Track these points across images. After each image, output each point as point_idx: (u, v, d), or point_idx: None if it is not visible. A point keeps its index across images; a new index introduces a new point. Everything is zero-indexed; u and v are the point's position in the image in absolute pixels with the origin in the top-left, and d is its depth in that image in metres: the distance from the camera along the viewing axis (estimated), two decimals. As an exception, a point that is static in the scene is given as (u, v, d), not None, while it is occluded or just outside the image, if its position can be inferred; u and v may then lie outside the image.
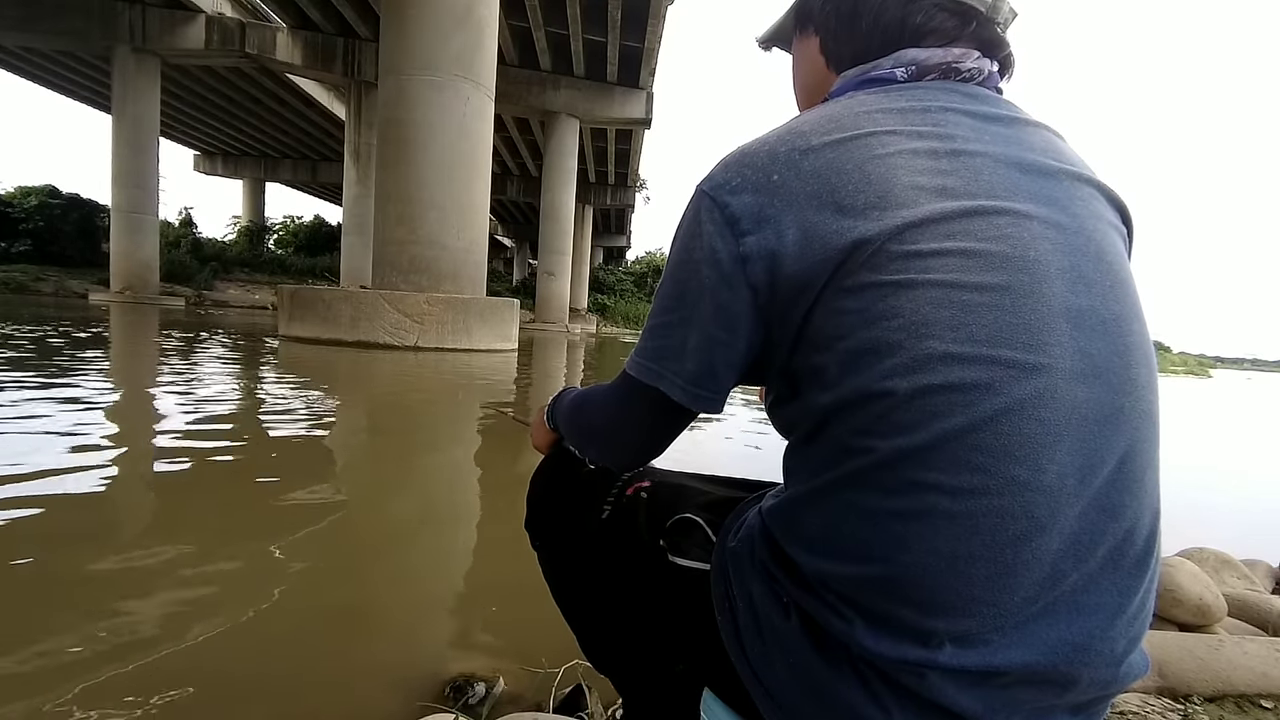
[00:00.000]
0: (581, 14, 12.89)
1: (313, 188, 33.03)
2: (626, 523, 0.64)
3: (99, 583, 1.27)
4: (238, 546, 1.48)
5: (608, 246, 42.71)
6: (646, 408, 0.50)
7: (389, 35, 7.54)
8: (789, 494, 0.46)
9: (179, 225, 26.72)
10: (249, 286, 21.62)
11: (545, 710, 0.95)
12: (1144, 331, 0.44)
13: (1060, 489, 0.38)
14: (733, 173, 0.46)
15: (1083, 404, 0.39)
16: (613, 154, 22.47)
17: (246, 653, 1.06)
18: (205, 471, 2.10)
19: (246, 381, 4.31)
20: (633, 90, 16.33)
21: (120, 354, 5.37)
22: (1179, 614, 1.30)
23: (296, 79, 17.48)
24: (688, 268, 0.46)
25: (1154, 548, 0.43)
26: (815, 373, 0.43)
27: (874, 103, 0.47)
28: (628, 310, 26.71)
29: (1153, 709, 1.01)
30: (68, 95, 21.39)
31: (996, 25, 0.51)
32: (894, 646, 0.39)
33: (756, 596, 0.46)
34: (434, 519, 1.90)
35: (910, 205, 0.41)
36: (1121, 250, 0.46)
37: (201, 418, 2.86)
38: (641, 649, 0.64)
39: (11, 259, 18.97)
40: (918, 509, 0.38)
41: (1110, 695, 0.43)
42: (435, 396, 4.36)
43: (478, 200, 8.04)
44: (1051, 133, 0.49)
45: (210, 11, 14.14)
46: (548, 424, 0.72)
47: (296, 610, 1.22)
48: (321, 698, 0.99)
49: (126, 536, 1.55)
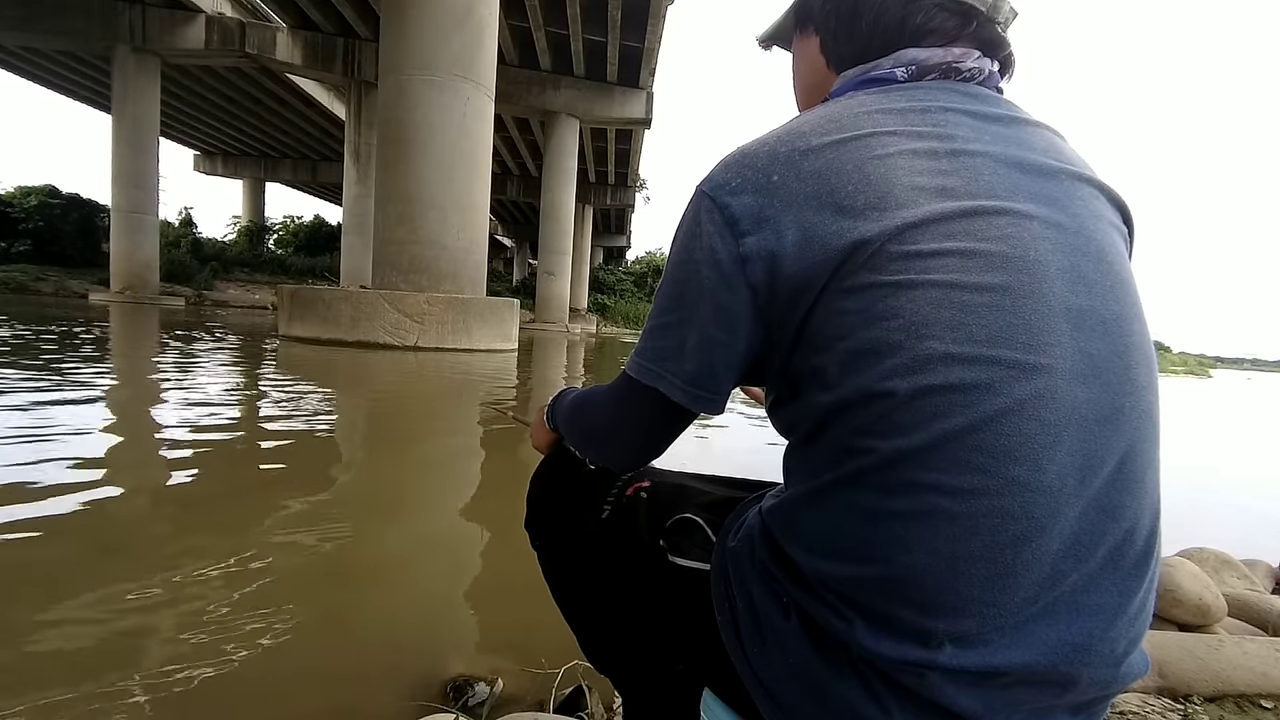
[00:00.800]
0: (581, 14, 12.89)
1: (313, 188, 33.03)
2: (626, 523, 0.64)
3: (98, 582, 1.27)
4: (237, 546, 1.48)
5: (608, 246, 42.70)
6: (646, 408, 0.50)
7: (389, 35, 7.54)
8: (789, 494, 0.46)
9: (179, 225, 26.68)
10: (249, 286, 21.61)
11: (545, 710, 0.95)
12: (1144, 331, 0.44)
13: (1060, 489, 0.38)
14: (732, 173, 0.45)
15: (1083, 404, 0.39)
16: (613, 154, 22.47)
17: (246, 652, 1.06)
18: (204, 471, 2.10)
19: (246, 381, 4.31)
20: (633, 90, 16.33)
21: (120, 354, 5.36)
22: (1179, 614, 1.30)
23: (296, 79, 17.48)
24: (687, 268, 0.46)
25: (1154, 548, 0.43)
26: (815, 373, 0.43)
27: (874, 103, 0.47)
28: (628, 310, 26.68)
29: (1153, 709, 1.01)
30: (68, 95, 21.39)
31: (997, 25, 0.51)
32: (894, 646, 0.39)
33: (756, 596, 0.46)
34: (434, 519, 1.90)
35: (910, 205, 0.41)
36: (1122, 250, 0.46)
37: (200, 417, 2.86)
38: (641, 649, 0.64)
39: (11, 259, 18.96)
40: (918, 509, 0.38)
41: (1110, 695, 0.43)
42: (435, 396, 4.36)
43: (478, 200, 8.04)
44: (1052, 132, 0.49)
45: (210, 11, 14.14)
46: (548, 424, 0.72)
47: (296, 610, 1.22)
48: (321, 697, 0.99)
49: (125, 535, 1.55)
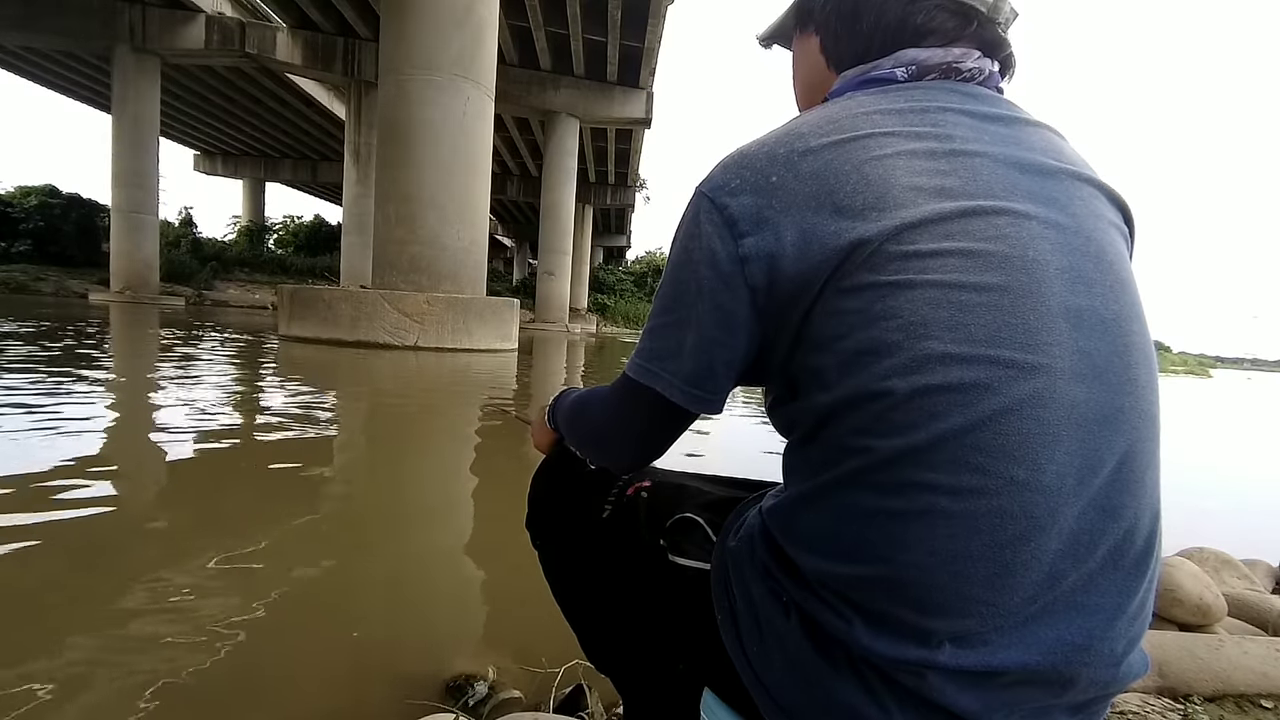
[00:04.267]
0: (581, 14, 12.88)
1: (313, 188, 33.02)
2: (627, 522, 0.64)
3: (97, 581, 1.27)
4: (236, 546, 1.48)
5: (608, 246, 42.68)
6: (646, 409, 0.50)
7: (389, 35, 7.54)
8: (788, 494, 0.46)
9: (179, 225, 26.67)
10: (249, 286, 21.61)
11: (545, 710, 0.95)
12: (1144, 331, 0.44)
13: (1059, 489, 0.38)
14: (731, 174, 0.46)
15: (1082, 404, 0.39)
16: (613, 154, 22.47)
17: (246, 652, 1.06)
18: (203, 471, 2.10)
19: (246, 381, 4.31)
20: (633, 90, 16.32)
21: (121, 354, 5.36)
22: (1179, 614, 1.30)
23: (296, 79, 17.48)
24: (687, 269, 0.46)
25: (1154, 548, 0.43)
26: (814, 373, 0.43)
27: (873, 103, 0.47)
28: (628, 310, 26.66)
29: (1153, 709, 1.01)
30: (68, 95, 21.39)
31: (997, 25, 0.51)
32: (893, 646, 0.39)
33: (756, 596, 0.46)
34: (434, 519, 1.90)
35: (908, 206, 0.41)
36: (1122, 250, 0.46)
37: (199, 417, 2.86)
38: (642, 649, 0.64)
39: (11, 259, 18.97)
40: (916, 509, 0.38)
41: (1110, 695, 0.43)
42: (436, 396, 4.36)
43: (478, 200, 8.04)
44: (1052, 132, 0.49)
45: (210, 11, 14.14)
46: (549, 424, 0.72)
47: (295, 609, 1.23)
48: (321, 697, 0.99)
49: (125, 535, 1.55)
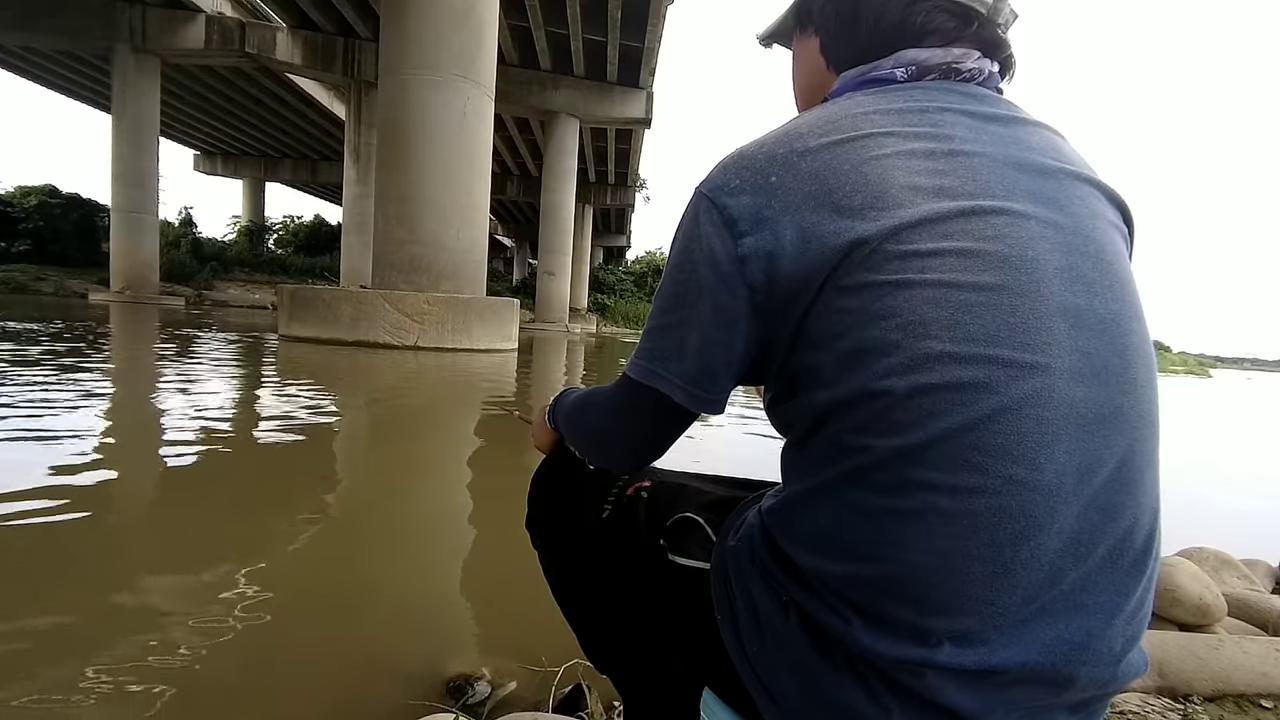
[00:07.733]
0: (581, 14, 12.88)
1: (313, 188, 33.01)
2: (627, 522, 0.64)
3: (97, 580, 1.27)
4: (236, 545, 1.48)
5: (608, 246, 42.65)
6: (646, 409, 0.50)
7: (389, 35, 7.54)
8: (787, 493, 0.47)
9: (179, 225, 26.61)
10: (249, 286, 21.61)
11: (545, 710, 0.95)
12: (1143, 331, 0.44)
13: (1058, 488, 0.38)
14: (731, 174, 0.46)
15: (1081, 404, 0.39)
16: (613, 154, 22.46)
17: (246, 651, 1.06)
18: (204, 470, 2.10)
19: (246, 381, 4.31)
20: (633, 90, 16.31)
21: (121, 354, 5.36)
22: (1179, 614, 1.30)
23: (296, 79, 17.47)
24: (686, 269, 0.46)
25: (1153, 547, 0.43)
26: (813, 372, 0.43)
27: (872, 104, 0.47)
28: (628, 310, 26.64)
29: (1153, 709, 1.01)
30: (68, 95, 21.38)
31: (997, 26, 0.52)
32: (892, 645, 0.39)
33: (756, 596, 0.46)
34: (434, 518, 1.91)
35: (907, 205, 0.41)
36: (1121, 249, 0.46)
37: (199, 417, 2.86)
38: (641, 648, 0.64)
39: (11, 259, 18.98)
40: (915, 508, 0.38)
41: (1109, 694, 0.43)
42: (436, 396, 4.36)
43: (478, 200, 8.04)
44: (1052, 132, 0.49)
45: (210, 11, 14.14)
46: (549, 424, 0.72)
47: (296, 609, 1.23)
48: (321, 696, 0.99)
49: (125, 533, 1.55)
